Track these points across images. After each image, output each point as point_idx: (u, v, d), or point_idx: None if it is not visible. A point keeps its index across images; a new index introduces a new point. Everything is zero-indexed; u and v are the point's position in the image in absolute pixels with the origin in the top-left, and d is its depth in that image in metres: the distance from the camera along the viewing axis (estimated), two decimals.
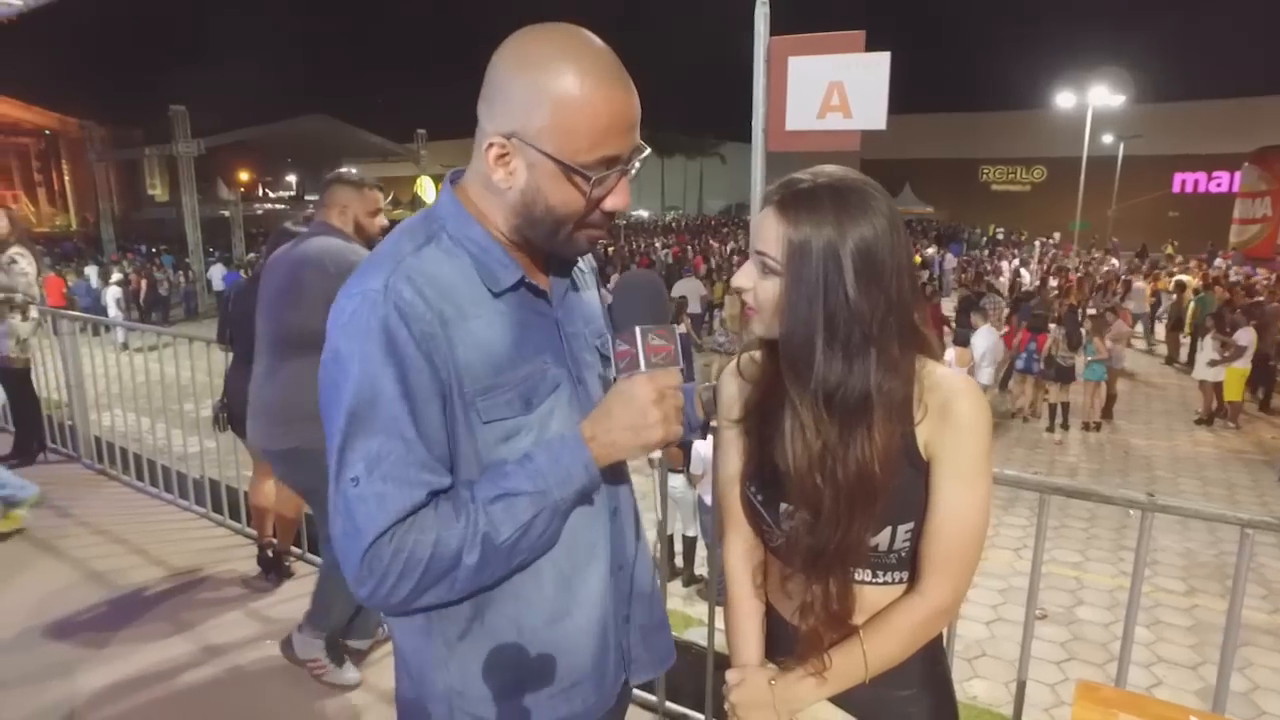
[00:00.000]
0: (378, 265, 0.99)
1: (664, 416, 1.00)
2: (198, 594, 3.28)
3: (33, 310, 4.87)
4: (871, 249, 0.98)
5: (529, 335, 1.05)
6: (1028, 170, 41.01)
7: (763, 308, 1.06)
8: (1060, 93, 28.06)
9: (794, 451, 1.04)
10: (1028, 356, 10.67)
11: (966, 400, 1.03)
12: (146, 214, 34.71)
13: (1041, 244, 25.22)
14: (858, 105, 3.61)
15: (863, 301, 0.98)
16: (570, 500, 1.02)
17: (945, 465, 1.03)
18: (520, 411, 1.02)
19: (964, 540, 1.05)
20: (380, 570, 0.92)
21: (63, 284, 18.21)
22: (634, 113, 0.99)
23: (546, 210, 1.00)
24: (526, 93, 0.95)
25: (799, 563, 1.08)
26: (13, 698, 2.62)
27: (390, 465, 0.93)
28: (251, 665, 2.82)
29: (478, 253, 1.03)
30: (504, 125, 0.97)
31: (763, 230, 1.04)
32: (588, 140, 0.96)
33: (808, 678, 1.10)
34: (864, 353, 1.00)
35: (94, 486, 4.60)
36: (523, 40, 0.98)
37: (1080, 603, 6.03)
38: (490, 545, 0.96)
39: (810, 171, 1.03)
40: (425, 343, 0.95)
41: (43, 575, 3.47)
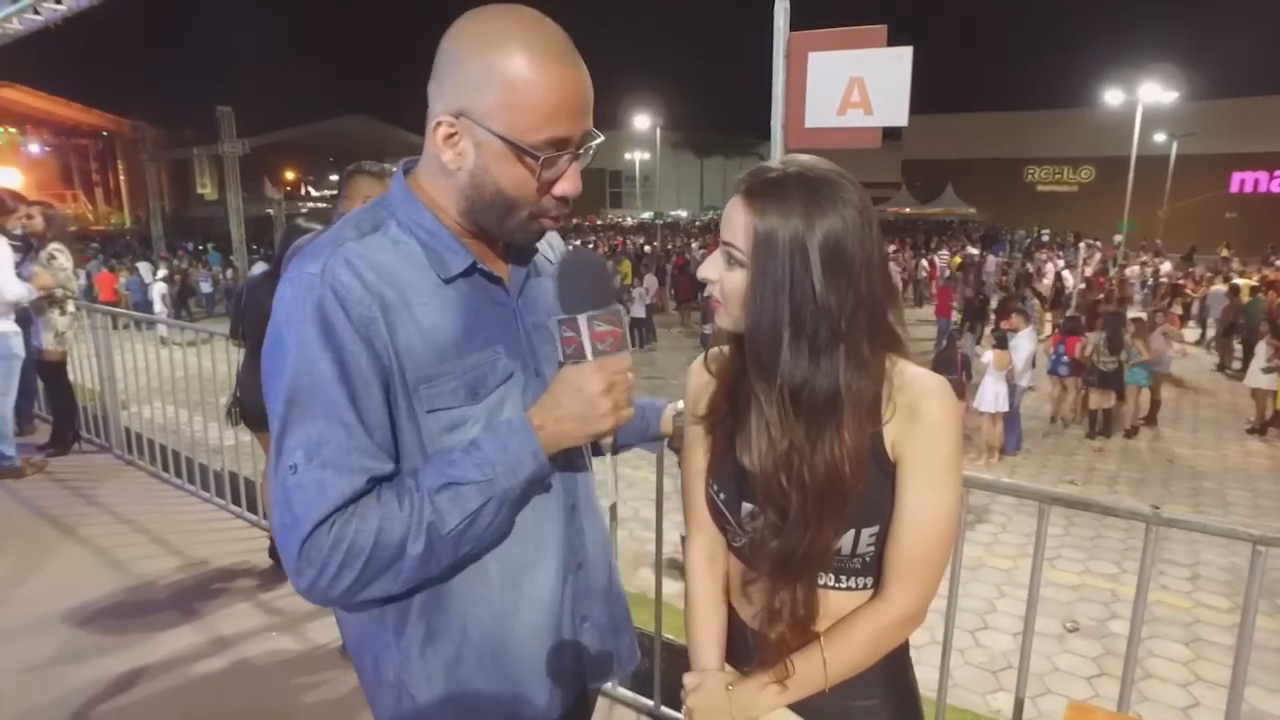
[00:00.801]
0: (317, 250, 0.97)
1: (614, 405, 0.99)
2: (211, 584, 3.34)
3: (69, 304, 5.02)
4: (840, 241, 0.94)
5: (480, 324, 1.02)
6: (1075, 170, 39.90)
7: (729, 300, 1.02)
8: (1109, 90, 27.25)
9: (759, 450, 1.01)
10: (1055, 358, 10.39)
11: (937, 401, 1.00)
12: (196, 212, 35.69)
13: (1087, 246, 24.50)
14: (879, 101, 3.54)
15: (830, 296, 0.94)
16: (519, 489, 0.99)
17: (913, 468, 1.00)
18: (465, 401, 1.00)
19: (931, 546, 1.01)
20: (320, 561, 0.89)
21: (115, 280, 18.83)
22: (585, 94, 0.97)
23: (496, 192, 0.98)
24: (475, 71, 0.93)
25: (765, 566, 1.05)
26: (31, 681, 2.69)
27: (330, 451, 0.91)
28: (258, 656, 2.85)
29: (426, 239, 1.00)
30: (452, 104, 0.95)
31: (730, 220, 1.00)
32: (536, 119, 0.93)
33: (767, 685, 1.07)
34: (832, 349, 0.96)
35: (121, 476, 4.72)
36: (473, 19, 0.96)
37: (1114, 616, 5.83)
38: (436, 534, 0.93)
39: (781, 160, 1.00)
40: (363, 327, 0.92)
41: (66, 561, 3.57)
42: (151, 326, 5.43)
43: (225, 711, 2.57)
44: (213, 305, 20.49)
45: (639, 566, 5.47)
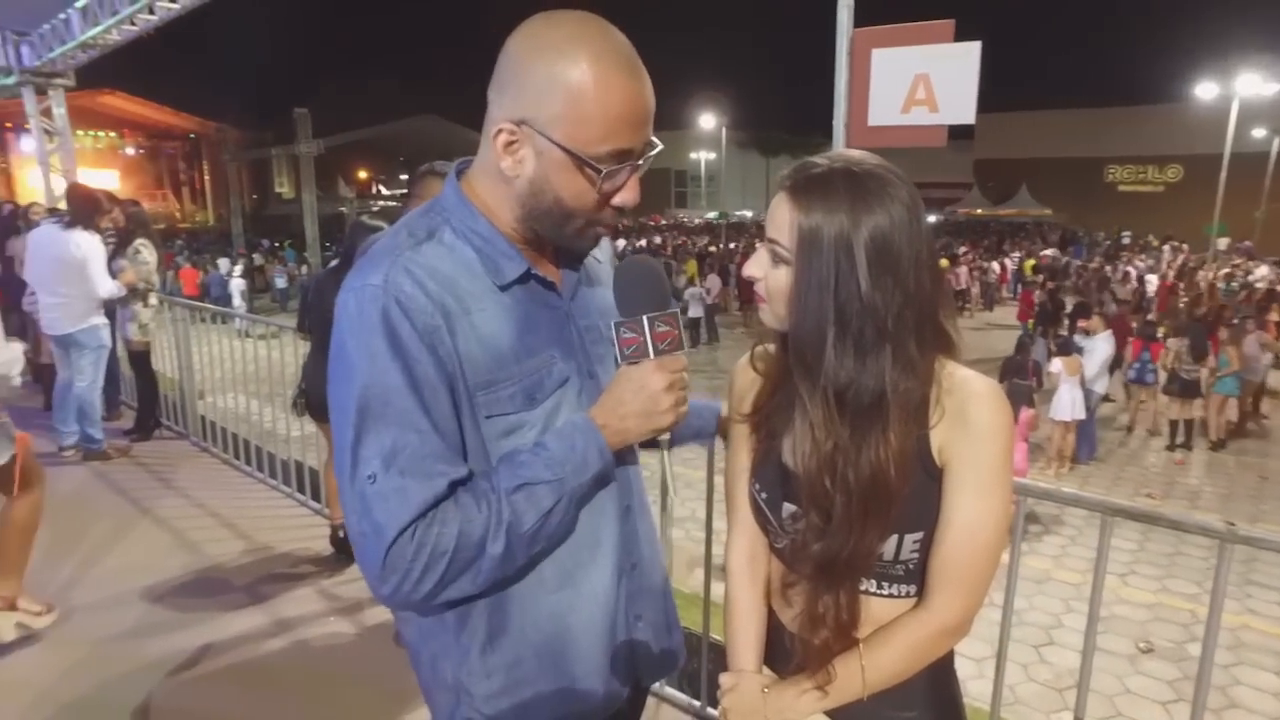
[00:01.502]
0: (377, 260, 0.98)
1: (674, 401, 1.02)
2: (275, 569, 3.46)
3: (153, 297, 5.29)
4: (887, 238, 0.92)
5: (536, 328, 1.03)
6: (1160, 169, 37.94)
7: (773, 298, 1.01)
8: (1201, 83, 25.83)
9: (803, 451, 0.99)
10: (1140, 366, 9.89)
11: (987, 404, 0.97)
12: (274, 210, 37.10)
13: (1172, 249, 23.31)
14: (945, 98, 3.44)
15: (876, 294, 0.92)
16: (586, 486, 1.01)
17: (961, 473, 0.97)
18: (523, 407, 1.01)
19: (977, 555, 0.98)
20: (404, 567, 0.91)
21: (198, 275, 19.73)
22: (648, 106, 0.97)
23: (555, 202, 0.98)
24: (540, 80, 0.93)
25: (806, 570, 1.03)
26: (110, 651, 2.84)
27: (407, 458, 0.92)
28: (316, 639, 2.95)
29: (481, 245, 1.01)
30: (514, 112, 0.95)
31: (774, 217, 0.99)
32: (600, 131, 0.93)
33: (804, 689, 1.05)
34: (878, 349, 0.94)
35: (196, 462, 4.96)
36: (539, 25, 0.95)
37: (1193, 638, 5.52)
38: (514, 534, 0.96)
39: (828, 155, 0.98)
40: (428, 335, 0.94)
41: (144, 541, 3.76)
42: (228, 319, 5.67)
43: (285, 691, 2.66)
44: (286, 300, 21.27)
45: (694, 567, 5.45)
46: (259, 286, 21.86)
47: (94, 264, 4.60)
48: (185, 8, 6.24)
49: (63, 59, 7.40)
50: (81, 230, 4.59)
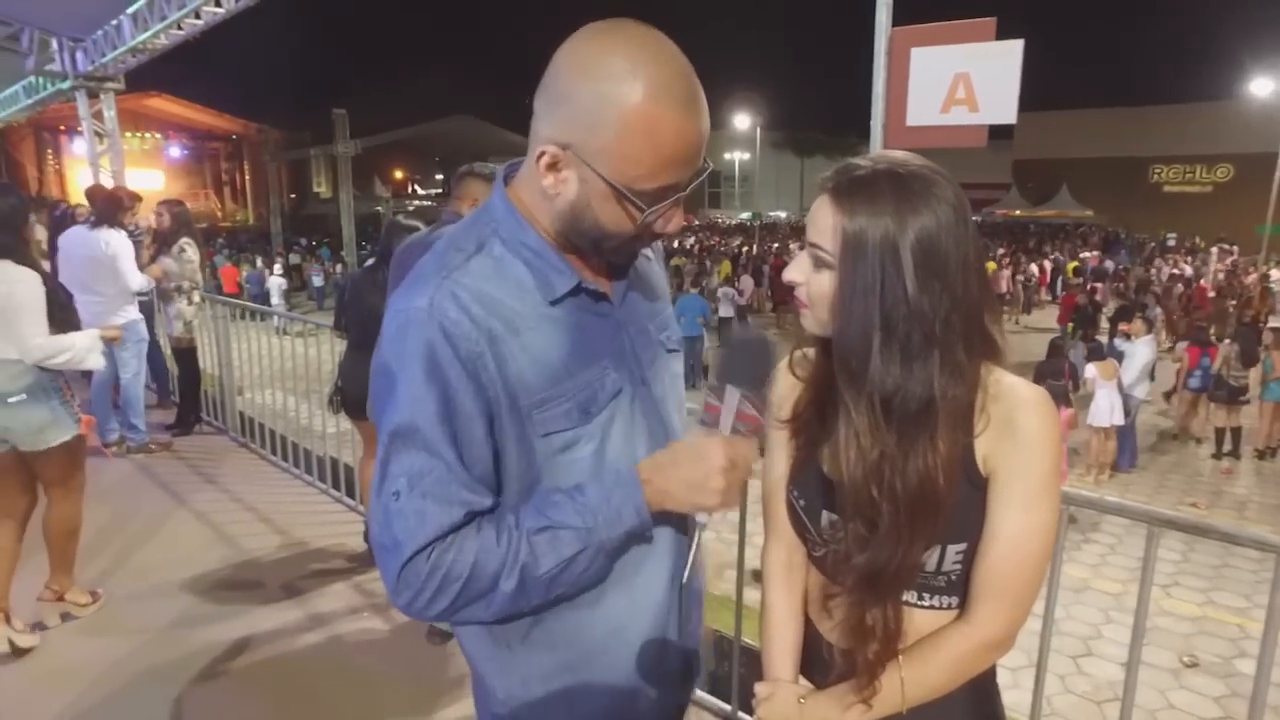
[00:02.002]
0: (425, 280, 0.96)
1: (726, 487, 0.95)
2: (310, 564, 3.52)
3: (195, 295, 5.41)
4: (934, 241, 0.89)
5: (587, 340, 1.01)
6: (1209, 169, 36.86)
7: (815, 303, 0.98)
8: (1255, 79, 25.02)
9: (848, 459, 0.96)
10: (1203, 374, 9.56)
11: (1035, 413, 0.94)
12: (312, 209, 37.74)
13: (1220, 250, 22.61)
14: (985, 98, 3.37)
15: (923, 299, 0.89)
16: (617, 540, 0.97)
17: (1007, 483, 0.94)
18: (578, 422, 0.99)
19: (1022, 567, 0.96)
20: (416, 585, 0.92)
21: (237, 273, 20.13)
22: (701, 141, 0.93)
23: (594, 225, 0.96)
24: (589, 105, 0.89)
25: (848, 581, 1.01)
26: (150, 641, 2.91)
27: (431, 483, 0.92)
28: (350, 634, 2.99)
29: (531, 259, 0.99)
30: (561, 134, 0.91)
31: (816, 220, 0.96)
32: (648, 170, 0.90)
33: (840, 701, 1.03)
34: (925, 355, 0.91)
35: (235, 457, 5.05)
36: (593, 41, 0.91)
37: (1242, 654, 5.35)
38: (529, 575, 0.94)
39: (871, 156, 0.95)
40: (471, 362, 0.93)
41: (184, 534, 3.85)
42: (266, 317, 5.79)
43: (319, 684, 2.70)
44: (323, 299, 21.62)
45: (724, 569, 5.42)
46: (295, 285, 22.25)
47: (124, 260, 4.73)
48: (230, 12, 6.37)
49: (114, 63, 7.61)
50: (108, 228, 4.73)
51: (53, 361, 2.81)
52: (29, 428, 2.79)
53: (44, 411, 2.80)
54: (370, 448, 3.49)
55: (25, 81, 9.42)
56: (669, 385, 1.13)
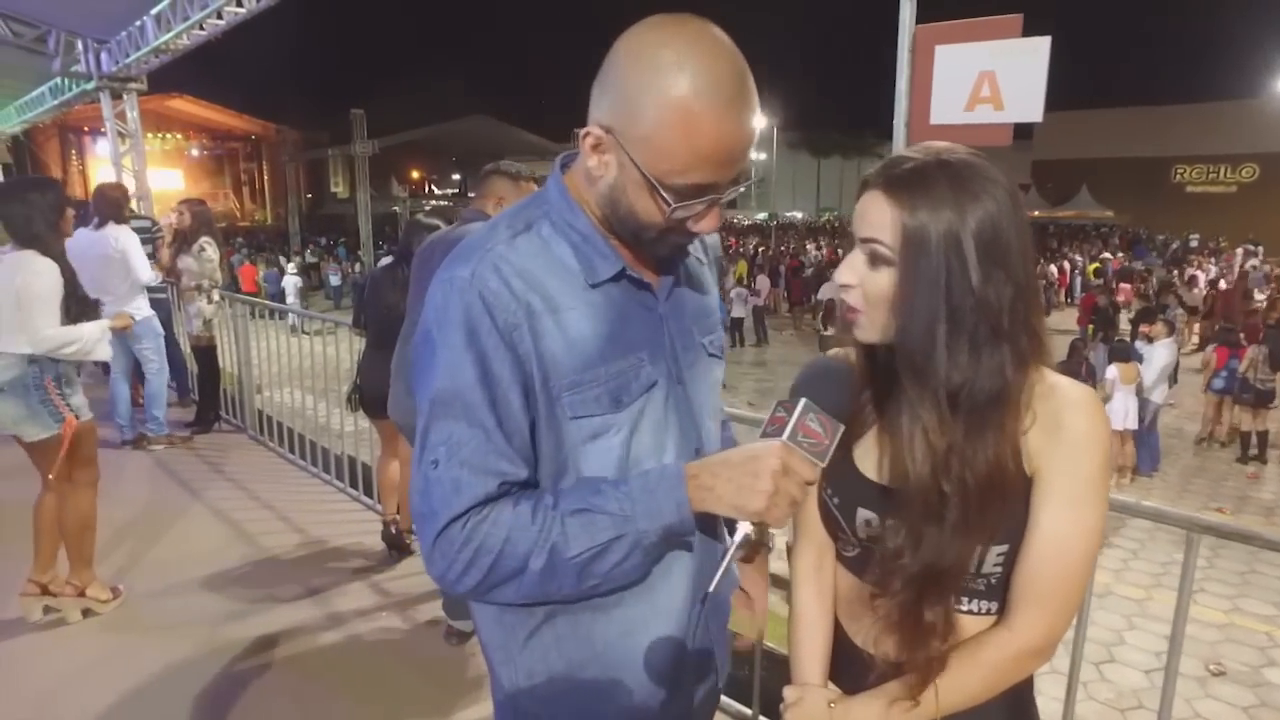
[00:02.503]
0: (469, 253, 0.98)
1: (775, 491, 0.89)
2: (327, 563, 3.52)
3: (215, 293, 5.44)
4: (996, 229, 0.88)
5: (626, 329, 1.00)
6: (1234, 169, 36.29)
7: (873, 304, 0.94)
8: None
9: (913, 457, 0.93)
10: (1229, 375, 9.40)
11: (1084, 412, 0.92)
12: (329, 209, 37.99)
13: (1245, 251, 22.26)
14: (1011, 96, 3.33)
15: (989, 289, 0.88)
16: (655, 535, 0.94)
17: (1052, 484, 0.92)
18: (609, 409, 0.98)
19: (1066, 572, 0.93)
20: (450, 555, 0.92)
21: (255, 272, 20.30)
22: (742, 144, 0.91)
23: (629, 213, 0.96)
24: (633, 94, 0.89)
25: (897, 583, 0.97)
26: (169, 639, 2.91)
27: (468, 452, 0.93)
28: (369, 634, 2.98)
29: (579, 242, 0.99)
30: (606, 118, 0.92)
31: (869, 216, 0.92)
32: (681, 164, 0.89)
33: (871, 707, 1.00)
34: (992, 345, 0.89)
35: (253, 455, 5.08)
36: (648, 35, 0.91)
37: (1270, 663, 5.25)
38: (558, 557, 0.92)
39: (915, 148, 0.93)
40: (508, 333, 0.93)
41: (203, 532, 3.86)
42: (284, 315, 5.82)
43: (339, 684, 2.69)
44: (340, 297, 21.74)
45: None
46: (313, 284, 22.40)
47: (134, 255, 4.80)
48: (251, 11, 6.41)
49: (137, 64, 7.69)
50: (114, 225, 4.78)
51: (63, 351, 2.86)
52: (6, 419, 2.86)
53: (19, 407, 2.84)
54: (389, 447, 3.49)
55: (51, 83, 9.54)
56: (706, 389, 1.11)
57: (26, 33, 7.70)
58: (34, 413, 2.85)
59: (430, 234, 2.82)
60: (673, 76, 0.87)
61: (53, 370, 2.88)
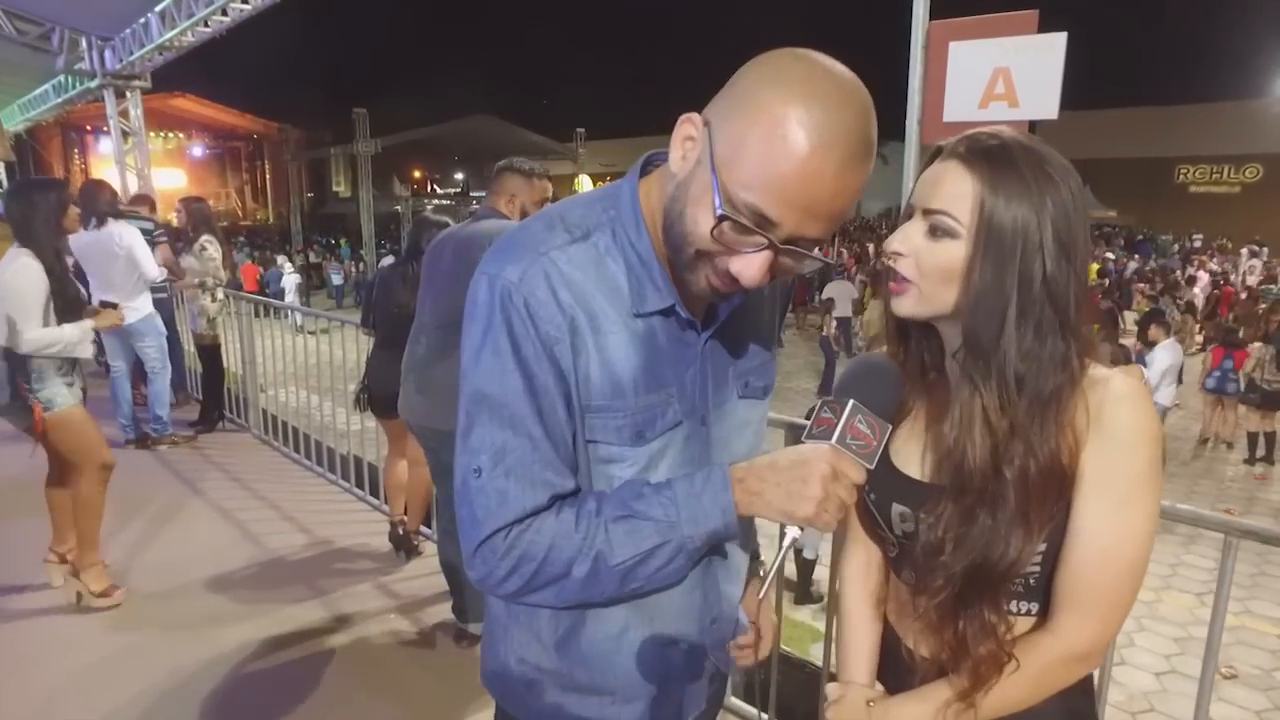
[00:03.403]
0: (520, 250, 0.92)
1: (824, 496, 0.86)
2: (334, 564, 3.49)
3: (219, 292, 5.41)
4: (1068, 219, 0.88)
5: (662, 363, 0.95)
6: (1237, 169, 36.19)
7: (927, 275, 0.91)
8: None
9: (974, 439, 0.90)
10: (1221, 375, 9.40)
11: (1130, 406, 0.89)
12: (331, 208, 37.98)
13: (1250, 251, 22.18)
14: (1026, 93, 3.29)
15: (1059, 280, 0.87)
16: (700, 541, 0.91)
17: (1098, 481, 0.89)
18: (629, 442, 0.94)
19: (1112, 575, 0.90)
20: (493, 562, 0.91)
21: (257, 271, 20.28)
22: (826, 198, 0.80)
23: (678, 218, 0.88)
24: (743, 94, 0.83)
25: (939, 580, 0.93)
26: (175, 639, 2.89)
27: (515, 461, 0.90)
28: (376, 636, 2.95)
29: (635, 264, 0.93)
30: (710, 110, 0.86)
31: (942, 186, 0.90)
32: (753, 180, 0.79)
33: (910, 708, 0.98)
34: (1056, 335, 0.88)
35: (258, 455, 5.05)
36: (792, 60, 0.83)
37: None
38: (603, 564, 0.90)
39: (988, 130, 0.91)
40: (549, 345, 0.90)
41: (208, 532, 3.83)
42: (288, 314, 5.80)
43: (348, 687, 2.66)
44: (342, 297, 21.72)
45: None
46: (315, 283, 22.39)
47: (139, 250, 4.77)
48: (256, 8, 6.39)
49: (141, 62, 7.68)
50: (114, 222, 4.74)
51: (45, 352, 2.89)
52: None
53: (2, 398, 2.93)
54: (396, 447, 3.46)
55: (54, 81, 9.53)
56: (733, 430, 1.05)
57: (30, 30, 7.68)
58: (11, 404, 2.93)
59: (439, 231, 2.79)
60: (791, 92, 0.79)
61: (25, 366, 2.89)
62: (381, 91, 38.26)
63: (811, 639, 5.12)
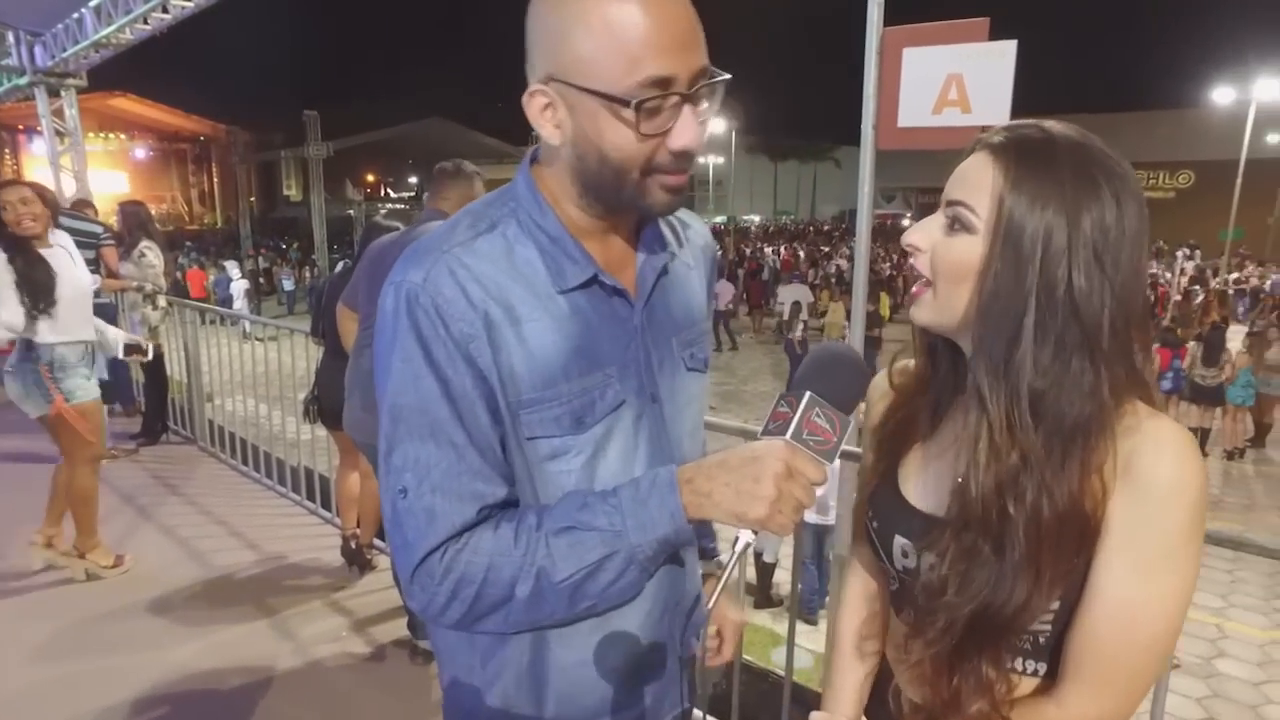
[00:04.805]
0: (425, 253, 0.89)
1: (778, 497, 0.81)
2: (284, 579, 3.37)
3: (161, 299, 5.21)
4: (1110, 235, 0.77)
5: (594, 342, 0.91)
6: (1172, 175, 37.72)
7: (941, 272, 0.83)
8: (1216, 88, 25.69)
9: (975, 462, 0.80)
10: (1175, 375, 9.70)
11: (1173, 456, 0.76)
12: (281, 212, 37.21)
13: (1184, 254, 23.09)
14: (978, 99, 3.33)
15: (1087, 295, 0.76)
16: (651, 549, 0.86)
17: (1123, 538, 0.77)
18: (569, 430, 0.90)
19: (1131, 647, 0.78)
20: (431, 588, 0.86)
21: (204, 277, 19.71)
22: (682, 24, 0.81)
23: (599, 159, 0.85)
24: (554, 25, 0.82)
25: (939, 623, 0.83)
26: (113, 666, 2.74)
27: (439, 475, 0.85)
28: (329, 658, 2.84)
29: (547, 244, 0.90)
30: (541, 70, 0.84)
31: (968, 177, 0.82)
32: (623, 59, 0.79)
33: None
34: (1083, 358, 0.77)
35: (205, 468, 4.87)
36: None
37: (1221, 654, 5.41)
38: (546, 581, 0.84)
39: (1039, 123, 0.81)
40: (463, 344, 0.85)
41: (151, 550, 3.66)
42: (235, 322, 5.61)
43: (297, 710, 2.56)
44: (293, 303, 21.24)
45: None
46: (266, 289, 21.87)
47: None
48: (199, 6, 6.19)
49: (75, 59, 7.36)
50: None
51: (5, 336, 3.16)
52: (13, 395, 3.24)
53: (19, 386, 3.20)
54: (349, 458, 3.36)
55: None
56: (683, 406, 1.02)
57: None
58: (29, 393, 3.19)
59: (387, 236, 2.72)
60: None
61: (47, 355, 3.17)
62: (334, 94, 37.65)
63: (772, 643, 5.12)
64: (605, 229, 0.94)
